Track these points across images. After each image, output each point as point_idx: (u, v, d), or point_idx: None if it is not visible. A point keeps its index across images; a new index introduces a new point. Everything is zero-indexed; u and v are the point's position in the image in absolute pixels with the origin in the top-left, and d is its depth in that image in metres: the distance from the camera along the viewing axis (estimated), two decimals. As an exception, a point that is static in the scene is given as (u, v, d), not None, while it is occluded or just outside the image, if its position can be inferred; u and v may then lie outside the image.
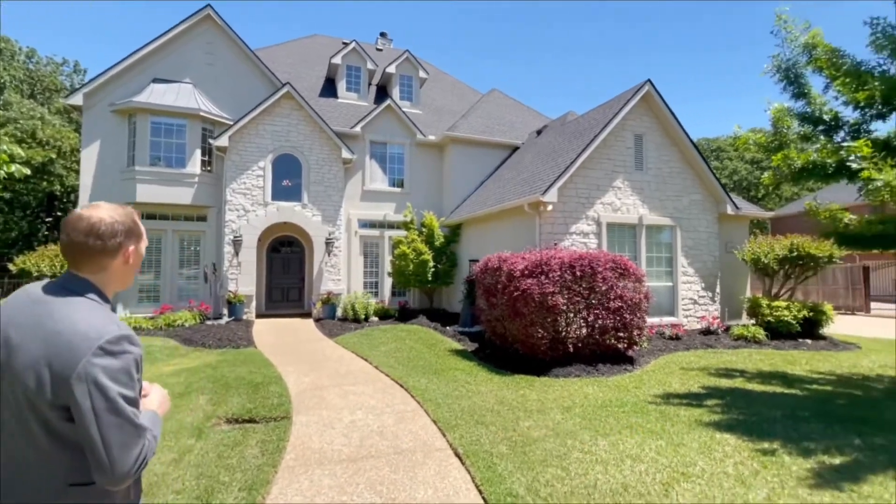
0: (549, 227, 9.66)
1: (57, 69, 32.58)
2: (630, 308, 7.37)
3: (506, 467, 3.59)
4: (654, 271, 10.59)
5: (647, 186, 10.67)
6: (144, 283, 12.54)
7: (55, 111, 27.83)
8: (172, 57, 13.11)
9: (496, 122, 16.62)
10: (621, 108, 10.22)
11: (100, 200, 8.91)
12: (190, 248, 13.04)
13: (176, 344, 8.92)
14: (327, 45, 19.66)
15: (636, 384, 6.17)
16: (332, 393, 5.85)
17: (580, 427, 4.49)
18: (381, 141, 14.97)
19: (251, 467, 3.65)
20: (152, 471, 3.59)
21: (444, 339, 9.49)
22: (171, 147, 12.46)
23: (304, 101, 13.22)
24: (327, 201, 13.52)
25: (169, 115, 12.32)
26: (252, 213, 12.73)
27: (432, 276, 13.46)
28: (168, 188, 12.30)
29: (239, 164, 12.69)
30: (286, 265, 14.50)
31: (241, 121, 12.55)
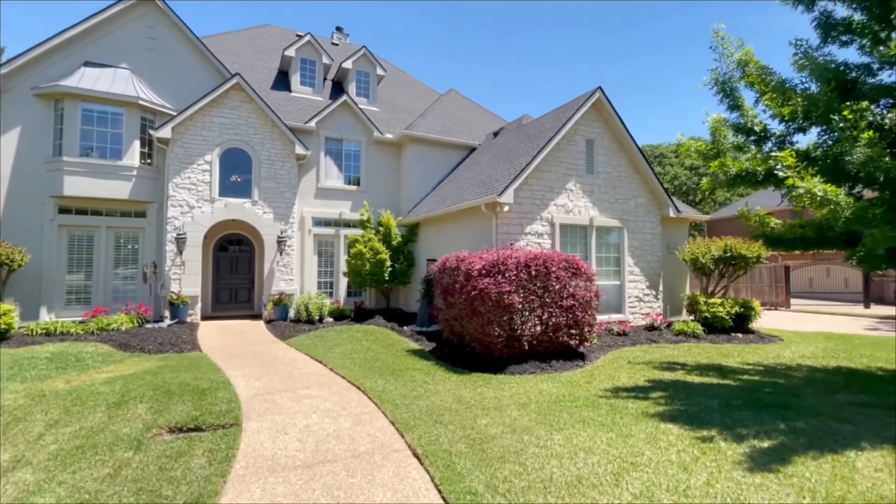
0: (505, 227, 9.84)
1: (-32, 46, 29.17)
2: (581, 306, 7.66)
3: (465, 465, 3.62)
4: (603, 270, 11.06)
5: (598, 189, 11.12)
6: (73, 284, 11.52)
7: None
8: (107, 39, 12.13)
9: (454, 122, 16.73)
10: (574, 113, 10.60)
11: (20, 192, 8.18)
12: (127, 246, 12.12)
13: (110, 349, 8.27)
14: (280, 36, 18.97)
15: (587, 379, 6.42)
16: (285, 397, 5.65)
17: (536, 423, 4.60)
18: (336, 137, 14.63)
19: (197, 478, 3.45)
20: (83, 488, 3.31)
21: (402, 339, 9.43)
22: (106, 137, 11.53)
23: (255, 93, 12.66)
24: (279, 198, 13.03)
25: (103, 101, 11.39)
26: (197, 209, 12.04)
27: (389, 275, 13.33)
28: (102, 181, 11.36)
29: (183, 158, 11.95)
30: (235, 264, 13.84)
31: (186, 111, 11.83)
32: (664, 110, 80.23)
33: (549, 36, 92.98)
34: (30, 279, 10.83)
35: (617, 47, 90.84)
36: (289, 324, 11.70)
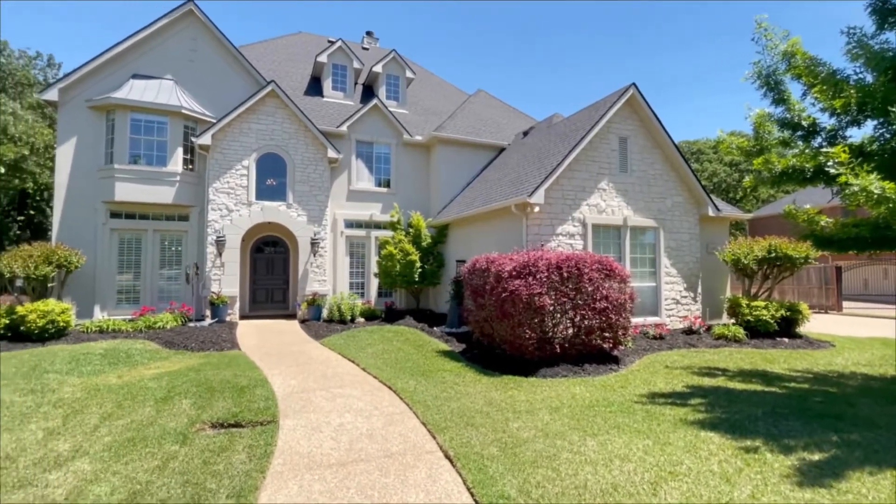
0: (535, 228, 9.73)
1: (30, 63, 31.44)
2: (615, 308, 7.47)
3: (497, 469, 3.60)
4: (638, 272, 10.76)
5: (632, 188, 10.83)
6: (123, 284, 12.21)
7: (28, 106, 26.87)
8: (153, 52, 12.80)
9: (483, 122, 16.68)
10: (606, 110, 10.36)
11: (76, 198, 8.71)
12: (171, 248, 12.75)
13: (157, 347, 8.71)
14: (313, 43, 19.45)
15: (622, 384, 6.26)
16: (320, 396, 5.79)
17: (569, 427, 4.53)
18: (367, 140, 14.87)
19: (238, 473, 3.59)
20: (134, 479, 3.50)
21: (432, 340, 9.48)
22: (152, 145, 12.17)
23: (289, 99, 13.05)
24: (313, 201, 13.37)
25: (149, 111, 12.02)
26: (236, 212, 12.52)
27: (419, 276, 13.43)
28: (148, 187, 12.00)
29: (222, 163, 12.45)
30: (271, 266, 14.29)
31: (225, 119, 12.32)
32: (702, 105, 77.25)
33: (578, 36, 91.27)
34: (85, 280, 11.56)
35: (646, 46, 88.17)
36: (322, 323, 11.98)
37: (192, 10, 13.04)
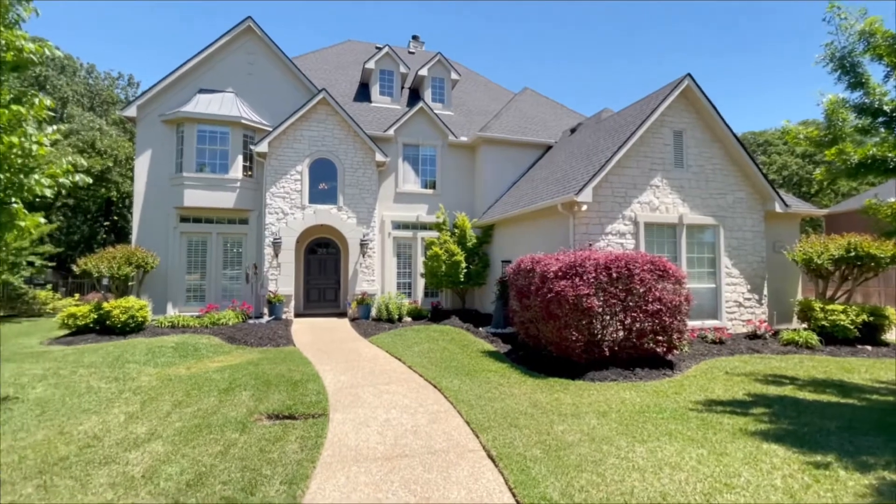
0: (583, 227, 9.48)
1: (113, 83, 34.83)
2: (669, 311, 7.13)
3: (539, 471, 3.57)
4: (696, 272, 10.19)
5: (688, 184, 10.27)
6: (192, 284, 13.21)
7: (112, 122, 29.76)
8: (216, 68, 13.76)
9: (529, 121, 16.47)
10: (659, 103, 9.90)
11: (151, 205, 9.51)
12: (233, 249, 13.64)
13: (220, 341, 9.36)
14: (361, 50, 20.07)
15: (676, 389, 5.97)
16: (368, 392, 5.98)
17: (616, 432, 4.39)
18: (413, 143, 15.14)
19: (291, 462, 3.80)
20: (200, 461, 3.81)
21: (477, 341, 9.49)
22: (216, 154, 13.09)
23: (338, 106, 13.56)
24: (361, 204, 13.80)
25: (213, 123, 12.94)
26: (290, 215, 13.18)
27: (464, 276, 13.48)
28: (212, 193, 12.91)
29: (278, 169, 13.16)
30: (323, 266, 14.90)
31: (280, 127, 13.01)
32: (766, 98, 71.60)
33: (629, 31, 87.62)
34: (159, 279, 12.64)
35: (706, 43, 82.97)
36: (370, 322, 12.34)
37: (250, 27, 13.89)
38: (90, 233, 28.12)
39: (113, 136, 27.59)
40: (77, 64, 32.34)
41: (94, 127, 26.93)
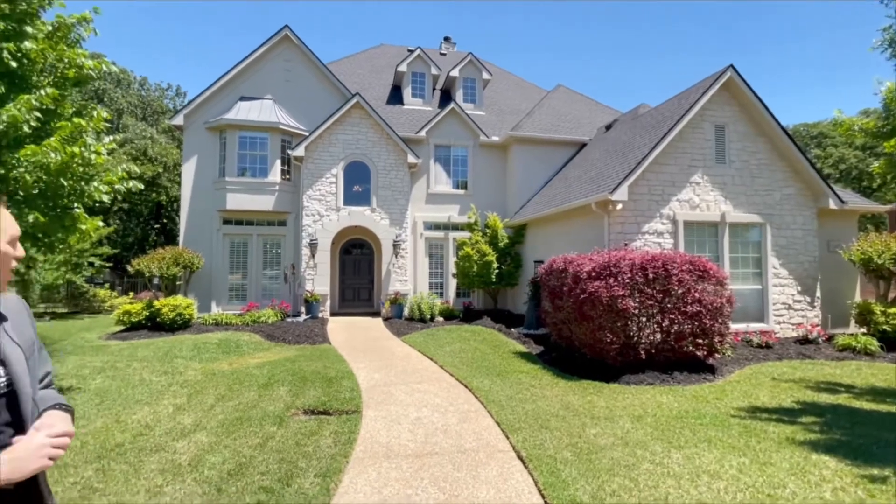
0: (618, 226, 9.24)
1: (163, 94, 36.96)
2: (710, 313, 6.84)
3: (570, 473, 3.52)
4: (740, 273, 9.72)
5: (731, 181, 9.81)
6: (234, 283, 13.82)
7: (161, 130, 31.57)
8: (256, 76, 14.34)
9: (562, 118, 16.20)
10: (700, 97, 9.51)
11: (196, 208, 10.02)
12: (272, 250, 14.17)
13: (260, 339, 9.75)
14: (394, 53, 20.36)
15: (717, 395, 5.73)
16: (400, 390, 6.08)
17: (651, 437, 4.27)
18: (444, 144, 15.22)
19: (325, 456, 3.92)
20: (241, 452, 4.00)
21: (509, 341, 9.44)
22: (256, 158, 13.64)
23: (371, 109, 13.83)
24: (394, 205, 14.01)
25: (253, 129, 13.50)
26: (326, 217, 13.55)
27: (496, 277, 13.43)
28: (253, 196, 13.47)
29: (314, 172, 13.56)
30: (357, 266, 15.23)
31: (316, 131, 13.41)
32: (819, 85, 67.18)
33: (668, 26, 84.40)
34: (204, 278, 13.30)
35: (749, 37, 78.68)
36: (403, 321, 12.50)
37: (287, 35, 14.39)
38: (143, 235, 29.94)
39: (162, 143, 29.27)
40: (131, 77, 34.52)
41: (145, 136, 28.67)
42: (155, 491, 3.36)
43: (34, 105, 4.41)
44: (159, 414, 5.09)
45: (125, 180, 5.53)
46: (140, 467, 3.76)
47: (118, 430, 4.61)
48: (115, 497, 3.28)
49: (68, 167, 4.62)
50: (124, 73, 33.27)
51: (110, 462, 3.85)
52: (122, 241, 28.34)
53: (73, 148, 4.58)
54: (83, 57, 5.16)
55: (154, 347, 8.76)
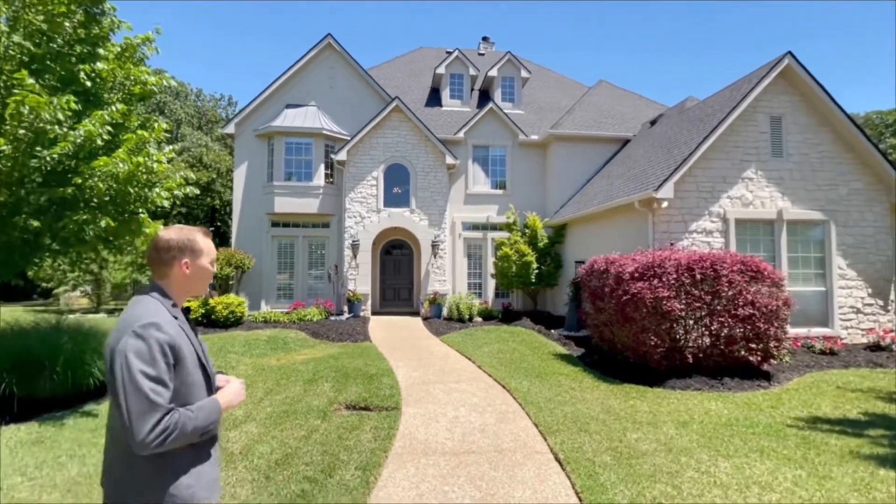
0: (663, 225, 8.89)
1: (216, 104, 39.20)
2: (765, 316, 6.46)
3: (609, 478, 3.45)
4: (801, 274, 9.10)
5: (789, 175, 9.20)
6: (281, 283, 14.46)
7: (215, 138, 33.49)
8: (301, 84, 14.94)
9: (604, 115, 15.76)
10: (753, 87, 8.98)
11: (247, 212, 10.57)
12: (316, 251, 14.71)
13: (306, 336, 10.16)
14: (432, 56, 20.57)
15: (772, 403, 5.40)
16: (438, 388, 6.16)
17: (697, 445, 4.10)
18: (483, 144, 15.22)
19: (365, 450, 4.06)
20: (287, 444, 4.20)
21: (549, 343, 9.31)
22: (301, 163, 14.21)
23: (410, 112, 14.05)
24: (433, 206, 14.16)
25: (298, 135, 14.07)
26: (367, 219, 13.91)
27: (536, 277, 13.27)
28: (298, 199, 14.04)
29: (355, 175, 13.96)
30: (397, 267, 15.51)
31: (357, 136, 13.79)
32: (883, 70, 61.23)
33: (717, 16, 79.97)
34: (254, 278, 14.01)
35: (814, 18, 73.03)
36: (442, 321, 12.61)
37: (330, 44, 14.90)
38: (200, 237, 31.88)
39: (216, 150, 31.05)
40: (188, 89, 36.87)
41: (201, 144, 30.53)
42: (210, 476, 3.61)
43: (106, 120, 4.85)
44: (214, 405, 5.43)
45: (183, 186, 5.95)
46: (197, 453, 4.04)
47: (178, 418, 4.97)
48: (176, 480, 3.55)
49: (134, 175, 5.04)
50: (182, 85, 35.57)
51: (171, 447, 4.16)
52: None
53: (138, 158, 4.99)
54: (146, 74, 5.61)
55: (209, 343, 9.32)
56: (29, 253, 5.18)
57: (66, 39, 5.10)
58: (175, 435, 1.37)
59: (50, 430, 4.59)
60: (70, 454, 4.03)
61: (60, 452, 4.07)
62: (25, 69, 4.58)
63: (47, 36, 4.93)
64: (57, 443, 4.28)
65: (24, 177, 4.64)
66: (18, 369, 5.21)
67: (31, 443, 4.28)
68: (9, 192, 4.50)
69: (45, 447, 4.19)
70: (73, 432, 4.55)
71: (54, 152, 4.51)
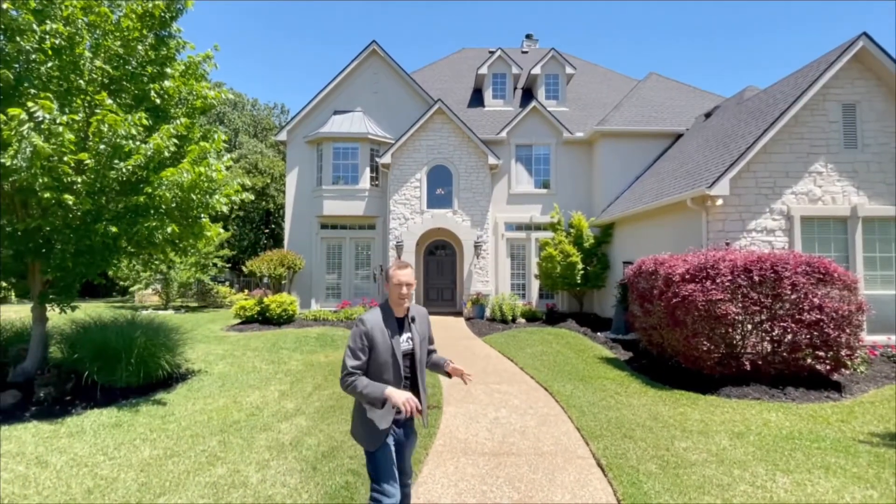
0: (718, 224, 8.41)
1: (270, 112, 41.31)
2: (834, 321, 5.96)
3: (653, 486, 3.34)
4: (879, 276, 8.30)
5: (865, 168, 8.42)
6: (330, 283, 15.04)
7: (269, 145, 35.32)
8: (348, 90, 15.47)
9: (654, 108, 15.10)
10: (822, 73, 8.30)
11: (298, 214, 11.10)
12: (363, 252, 15.16)
13: (352, 334, 10.49)
14: (475, 57, 20.59)
15: (842, 416, 4.98)
16: (479, 389, 6.19)
17: (753, 458, 3.87)
18: (526, 143, 15.05)
19: (407, 447, 4.16)
20: (333, 437, 4.40)
21: (594, 346, 9.08)
22: (348, 167, 14.71)
23: (453, 114, 14.15)
24: (475, 207, 14.19)
25: (345, 140, 14.57)
26: (411, 220, 14.16)
27: (581, 278, 12.95)
28: (345, 202, 14.53)
29: (399, 178, 14.25)
30: (440, 267, 15.67)
31: (401, 139, 14.08)
32: None
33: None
34: (305, 278, 14.66)
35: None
36: (485, 322, 12.61)
37: (375, 50, 15.31)
38: (255, 239, 33.73)
39: (270, 157, 32.73)
40: (245, 100, 39.13)
41: (256, 151, 32.30)
42: (263, 464, 3.85)
43: (172, 133, 5.30)
44: (267, 398, 5.78)
45: (239, 193, 6.36)
46: (252, 442, 4.32)
47: (235, 409, 5.33)
48: (233, 465, 3.83)
49: (196, 184, 5.46)
50: (239, 96, 37.82)
51: (229, 436, 4.48)
52: (239, 245, 32.19)
53: (200, 168, 5.40)
54: (207, 88, 6.06)
55: (264, 339, 9.89)
56: (109, 255, 5.75)
57: (139, 61, 5.61)
58: (350, 389, 2.30)
59: (127, 415, 5.08)
60: (143, 438, 4.44)
61: (135, 435, 4.49)
62: (105, 90, 5.09)
63: (123, 59, 5.45)
64: (133, 427, 4.73)
65: (104, 187, 5.16)
66: (100, 359, 5.81)
67: (112, 426, 4.75)
68: (91, 201, 5.02)
69: (122, 430, 4.64)
70: (146, 418, 5.00)
71: (129, 164, 4.99)
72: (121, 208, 5.39)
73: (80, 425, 4.75)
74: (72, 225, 5.13)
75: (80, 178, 4.84)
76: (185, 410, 5.27)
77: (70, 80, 5.11)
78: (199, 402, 5.62)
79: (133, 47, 5.43)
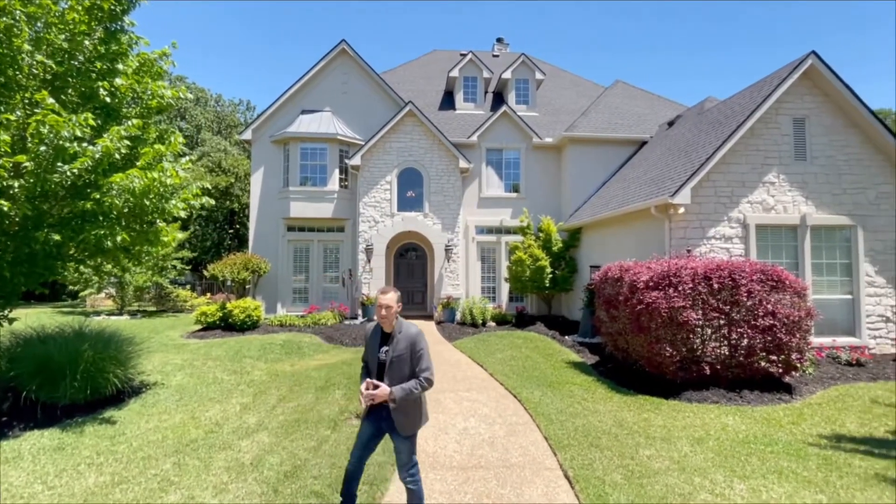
0: (680, 231, 8.70)
1: (235, 109, 39.93)
2: (786, 326, 6.25)
3: (618, 498, 3.38)
4: (825, 281, 8.79)
5: (813, 179, 8.90)
6: (297, 286, 14.65)
7: (234, 143, 34.13)
8: (316, 90, 15.11)
9: (620, 116, 15.51)
10: (774, 88, 8.72)
11: (263, 216, 10.75)
12: (331, 255, 14.85)
13: (320, 341, 10.25)
14: (446, 59, 20.58)
15: (793, 418, 5.23)
16: (448, 398, 6.14)
17: (712, 464, 3.98)
18: (496, 147, 15.14)
19: (373, 463, 4.05)
20: (296, 455, 4.24)
21: (562, 350, 9.21)
22: (315, 168, 14.37)
23: (424, 116, 14.07)
24: (446, 210, 14.15)
25: (313, 140, 14.23)
26: (381, 223, 13.98)
27: (550, 282, 13.13)
28: (313, 204, 14.19)
29: (369, 180, 14.04)
30: (411, 270, 15.55)
31: (371, 140, 13.88)
32: (935, 56, 58.62)
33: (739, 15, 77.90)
34: (270, 282, 14.22)
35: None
36: (455, 326, 12.59)
37: (344, 49, 15.03)
38: (219, 239, 32.53)
39: (234, 155, 31.64)
40: (208, 95, 37.67)
41: (220, 149, 31.14)
42: (220, 487, 3.66)
43: (122, 135, 4.98)
44: (228, 412, 5.53)
45: (199, 197, 6.06)
46: (210, 463, 4.11)
47: (193, 426, 5.07)
48: (188, 491, 3.62)
49: (150, 189, 5.16)
50: (202, 91, 36.37)
51: (185, 457, 4.25)
52: (201, 245, 30.95)
53: (153, 174, 5.10)
54: (163, 88, 5.74)
55: (226, 347, 9.50)
56: (52, 263, 5.36)
57: (87, 56, 5.25)
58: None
59: (71, 436, 4.73)
60: (89, 462, 4.14)
61: (80, 460, 4.19)
62: (47, 88, 4.73)
63: (69, 54, 5.09)
64: (77, 450, 4.41)
65: (46, 191, 4.80)
66: (41, 374, 5.40)
67: (53, 449, 4.42)
68: (31, 207, 4.65)
69: (65, 454, 4.32)
70: (93, 439, 4.68)
71: (74, 167, 4.65)
72: (66, 213, 5.03)
73: (16, 449, 4.39)
74: (8, 232, 4.74)
75: (17, 183, 4.47)
76: (136, 429, 4.97)
77: (7, 74, 4.72)
78: (154, 418, 5.31)
79: (79, 42, 5.07)
